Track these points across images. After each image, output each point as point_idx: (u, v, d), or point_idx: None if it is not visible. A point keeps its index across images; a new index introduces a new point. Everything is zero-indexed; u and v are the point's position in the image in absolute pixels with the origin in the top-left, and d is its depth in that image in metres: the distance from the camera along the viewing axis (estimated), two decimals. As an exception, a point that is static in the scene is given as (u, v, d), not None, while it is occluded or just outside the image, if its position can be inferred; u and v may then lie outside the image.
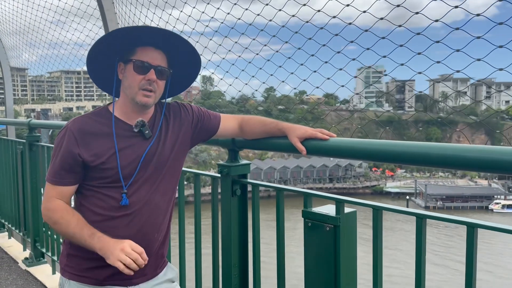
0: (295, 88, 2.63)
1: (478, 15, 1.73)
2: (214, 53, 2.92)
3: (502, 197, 66.51)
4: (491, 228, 1.48)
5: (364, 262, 2.36)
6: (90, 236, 1.70)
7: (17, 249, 5.10)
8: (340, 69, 2.31)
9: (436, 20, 1.83)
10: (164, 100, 1.95)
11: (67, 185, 1.80)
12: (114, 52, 1.83)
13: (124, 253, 1.63)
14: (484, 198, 66.26)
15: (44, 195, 1.83)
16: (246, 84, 2.78)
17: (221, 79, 2.94)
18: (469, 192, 68.47)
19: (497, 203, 62.17)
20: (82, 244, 1.73)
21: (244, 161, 2.38)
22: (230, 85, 2.88)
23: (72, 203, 1.88)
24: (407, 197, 67.52)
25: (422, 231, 1.65)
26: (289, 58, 2.55)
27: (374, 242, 1.77)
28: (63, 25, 5.06)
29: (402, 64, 2.02)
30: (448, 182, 76.21)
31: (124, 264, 1.63)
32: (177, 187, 2.08)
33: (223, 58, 2.89)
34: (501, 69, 1.72)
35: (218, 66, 2.95)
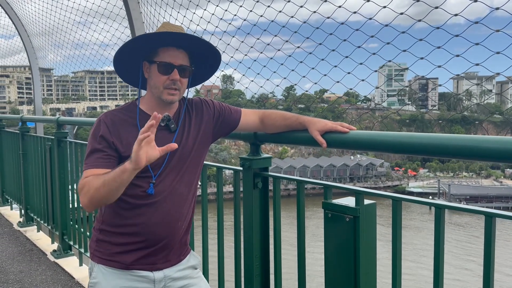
0: (316, 83, 2.67)
1: (497, 8, 1.74)
2: (237, 49, 2.98)
3: (529, 197, 64.75)
4: (510, 217, 1.50)
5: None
6: (121, 170, 1.67)
7: (45, 242, 5.29)
8: (361, 63, 2.34)
9: (456, 15, 1.85)
10: (187, 95, 2.04)
11: (103, 168, 1.82)
12: (139, 53, 1.93)
13: (138, 143, 1.60)
14: (510, 198, 64.59)
15: (80, 179, 1.90)
16: (267, 80, 2.84)
17: (243, 75, 3.01)
18: (494, 192, 66.88)
19: (524, 204, 60.55)
20: (120, 183, 1.69)
21: (265, 155, 2.43)
22: (252, 80, 2.95)
23: None
24: (430, 197, 66.39)
25: (440, 222, 1.68)
26: (310, 53, 2.59)
27: (394, 232, 1.81)
28: (90, 24, 5.22)
29: (422, 58, 2.04)
30: (472, 182, 74.63)
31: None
32: (200, 180, 2.15)
33: (246, 55, 2.95)
34: (520, 62, 1.73)
35: (240, 62, 3.01)
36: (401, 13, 2.00)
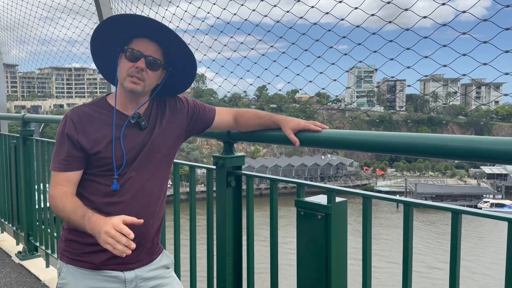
0: (289, 82, 2.70)
1: (464, 12, 1.81)
2: (210, 47, 2.98)
3: (491, 196, 67.34)
4: (474, 213, 1.56)
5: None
6: (81, 218, 1.72)
7: (10, 243, 5.11)
8: (333, 64, 2.39)
9: (425, 17, 1.91)
10: (157, 91, 2.01)
11: (70, 171, 1.84)
12: (116, 43, 1.89)
13: (109, 235, 1.58)
14: (474, 197, 67.01)
15: (51, 183, 1.88)
16: (241, 78, 2.84)
17: (216, 73, 3.00)
18: (459, 191, 69.23)
19: (486, 202, 62.87)
20: (78, 226, 1.76)
21: (239, 153, 2.44)
22: (226, 79, 2.94)
23: None
24: (397, 195, 67.81)
25: (409, 218, 1.73)
26: (284, 52, 2.62)
27: (364, 228, 1.85)
28: (58, 19, 5.08)
29: (392, 59, 2.10)
30: (438, 181, 76.92)
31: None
32: (172, 179, 2.13)
33: (219, 53, 2.95)
34: (485, 64, 1.80)
35: (213, 60, 3.00)
36: (372, 15, 2.05)
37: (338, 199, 1.94)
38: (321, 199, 1.95)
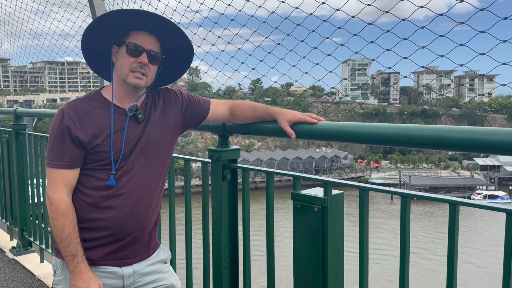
0: (284, 74, 2.67)
1: (462, 1, 1.80)
2: (204, 39, 2.94)
3: (484, 187, 67.89)
4: (472, 205, 1.56)
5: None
6: (71, 256, 1.78)
7: (3, 239, 5.08)
8: (329, 55, 2.37)
9: (422, 7, 1.89)
10: (153, 83, 1.98)
11: (68, 168, 1.80)
12: (108, 36, 1.85)
13: None
14: (467, 188, 67.49)
15: (48, 182, 1.83)
16: (236, 70, 2.81)
17: (211, 65, 2.97)
18: (452, 183, 69.68)
19: (479, 194, 63.35)
20: (62, 254, 1.82)
21: (234, 146, 2.42)
22: (220, 71, 2.91)
23: None
24: (391, 188, 68.13)
25: (406, 210, 1.72)
26: (279, 44, 2.59)
27: (361, 221, 1.84)
28: (50, 12, 5.00)
29: (388, 49, 2.08)
30: (431, 173, 77.37)
31: None
32: (168, 173, 2.12)
33: (213, 45, 2.92)
34: (482, 54, 1.79)
35: (207, 52, 2.97)
36: (368, 5, 2.03)
37: (334, 192, 1.93)
38: (318, 192, 1.94)
